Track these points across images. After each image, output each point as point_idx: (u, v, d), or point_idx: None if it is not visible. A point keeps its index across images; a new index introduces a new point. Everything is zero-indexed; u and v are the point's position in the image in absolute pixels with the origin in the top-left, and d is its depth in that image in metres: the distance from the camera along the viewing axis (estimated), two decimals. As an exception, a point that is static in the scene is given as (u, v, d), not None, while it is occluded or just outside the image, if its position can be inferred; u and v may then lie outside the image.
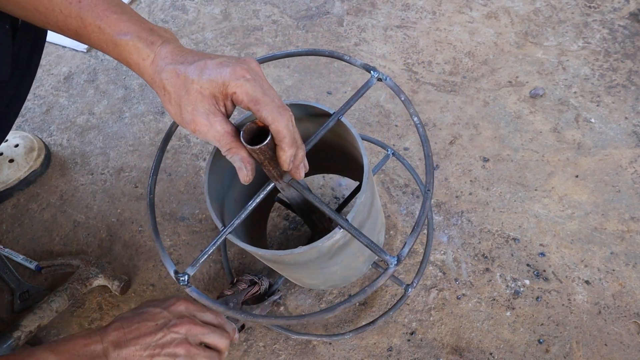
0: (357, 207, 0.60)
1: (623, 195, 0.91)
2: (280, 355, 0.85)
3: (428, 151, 0.61)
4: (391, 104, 1.08)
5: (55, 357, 0.58)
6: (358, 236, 0.55)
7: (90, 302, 0.95)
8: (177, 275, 0.58)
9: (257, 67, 0.56)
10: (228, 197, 0.73)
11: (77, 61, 1.30)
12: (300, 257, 0.62)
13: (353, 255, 0.69)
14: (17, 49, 0.76)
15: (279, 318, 0.59)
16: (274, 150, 0.53)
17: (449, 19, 1.18)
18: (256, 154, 0.53)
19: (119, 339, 0.61)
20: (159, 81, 0.56)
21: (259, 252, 0.61)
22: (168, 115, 1.16)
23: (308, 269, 0.69)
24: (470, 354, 0.81)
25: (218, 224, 0.63)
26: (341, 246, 0.64)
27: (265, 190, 0.62)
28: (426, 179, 0.59)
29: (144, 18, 0.60)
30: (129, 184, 1.08)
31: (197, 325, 0.64)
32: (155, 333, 0.62)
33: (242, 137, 0.51)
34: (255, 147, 0.51)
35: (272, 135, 0.52)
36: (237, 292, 0.82)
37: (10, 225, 1.06)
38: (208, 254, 0.58)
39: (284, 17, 1.27)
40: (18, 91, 0.86)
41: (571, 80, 1.05)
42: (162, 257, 0.60)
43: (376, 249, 0.55)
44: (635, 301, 0.82)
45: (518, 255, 0.88)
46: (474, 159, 0.99)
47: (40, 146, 1.12)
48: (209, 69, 0.54)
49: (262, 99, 0.53)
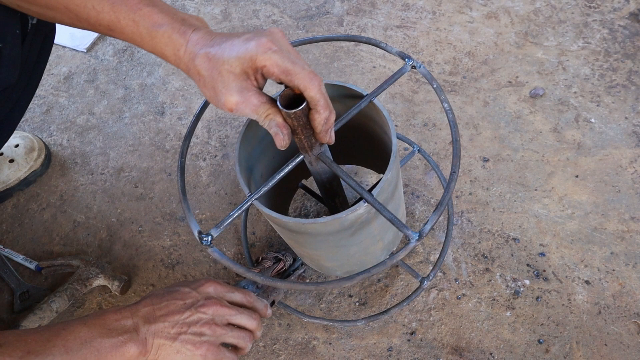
0: (383, 183, 0.61)
1: (623, 195, 0.91)
2: (280, 355, 0.85)
3: (457, 136, 0.63)
4: (391, 104, 1.08)
5: (87, 329, 0.59)
6: (382, 210, 0.56)
7: (90, 302, 0.95)
8: (200, 236, 0.59)
9: (282, 36, 0.57)
10: (255, 171, 0.75)
11: (77, 61, 1.30)
12: (322, 227, 0.63)
13: (373, 237, 0.70)
14: (25, 54, 0.77)
15: (298, 284, 0.60)
16: (307, 117, 0.55)
17: (449, 19, 1.18)
18: (290, 119, 0.54)
19: (148, 315, 0.63)
20: (194, 67, 0.58)
21: (284, 220, 0.62)
22: (168, 115, 1.16)
23: (327, 246, 0.69)
24: (470, 354, 0.81)
25: (245, 190, 0.64)
26: (363, 222, 0.64)
27: (294, 161, 0.63)
28: (453, 162, 0.60)
29: (175, 8, 0.61)
30: (129, 184, 1.08)
31: (223, 307, 0.66)
32: (183, 312, 0.64)
33: (279, 102, 0.53)
34: (291, 111, 0.53)
35: (307, 101, 0.53)
36: (264, 269, 0.83)
37: (10, 225, 1.06)
38: (233, 217, 0.59)
39: (284, 17, 1.27)
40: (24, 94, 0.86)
41: (571, 80, 1.05)
42: (187, 218, 0.62)
43: (398, 224, 0.56)
44: (635, 301, 0.82)
45: (518, 255, 0.88)
46: (474, 159, 0.99)
47: (40, 146, 1.12)
48: (235, 47, 0.55)
49: (292, 68, 0.54)
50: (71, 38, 1.32)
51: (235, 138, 1.10)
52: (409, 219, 0.94)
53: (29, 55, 0.79)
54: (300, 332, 0.87)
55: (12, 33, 0.70)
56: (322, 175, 0.69)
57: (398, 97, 1.09)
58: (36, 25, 0.77)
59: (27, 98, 0.88)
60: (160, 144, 1.12)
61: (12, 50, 0.71)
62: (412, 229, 0.55)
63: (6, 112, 0.83)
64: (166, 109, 1.18)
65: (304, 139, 0.58)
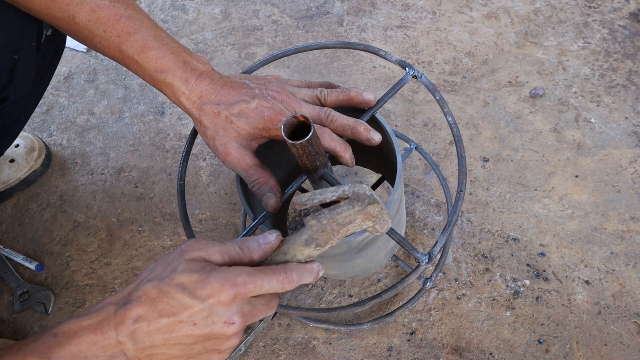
0: (389, 204, 0.61)
1: (623, 195, 0.91)
2: (280, 355, 0.85)
3: (462, 152, 0.61)
4: (391, 104, 1.08)
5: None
6: (390, 233, 0.56)
7: (90, 302, 0.95)
8: None
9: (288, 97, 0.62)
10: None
11: (77, 61, 1.30)
12: (330, 250, 0.63)
13: (378, 249, 0.71)
14: (38, 64, 0.78)
15: (311, 310, 0.60)
16: (313, 145, 0.55)
17: (449, 19, 1.18)
18: (295, 149, 0.54)
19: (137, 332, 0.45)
20: (197, 116, 0.62)
21: None
22: (168, 115, 1.16)
23: (334, 262, 0.70)
24: (470, 354, 0.81)
25: (250, 215, 0.65)
26: (370, 241, 0.65)
27: (297, 182, 0.64)
28: (459, 180, 0.60)
29: (181, 46, 0.63)
30: (129, 184, 1.08)
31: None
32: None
33: (283, 131, 0.52)
34: (297, 142, 0.51)
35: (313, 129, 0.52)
36: None
37: (10, 225, 1.06)
38: None
39: (284, 17, 1.27)
40: (31, 102, 0.87)
41: (571, 80, 1.05)
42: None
43: (408, 247, 0.56)
44: (635, 301, 0.82)
45: (518, 255, 0.88)
46: (474, 159, 0.99)
47: (40, 146, 1.12)
48: (249, 115, 0.60)
49: None
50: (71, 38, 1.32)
51: (235, 138, 1.10)
52: (409, 219, 0.95)
53: (41, 65, 0.80)
54: (300, 332, 0.87)
55: (28, 45, 0.71)
56: None
57: (398, 97, 1.09)
58: (50, 36, 0.77)
59: (33, 105, 0.89)
60: (160, 144, 1.12)
61: (27, 62, 0.72)
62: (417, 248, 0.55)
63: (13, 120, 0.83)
64: (166, 109, 1.17)
65: (308, 164, 0.58)
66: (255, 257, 0.49)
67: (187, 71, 0.61)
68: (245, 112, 0.60)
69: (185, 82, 0.61)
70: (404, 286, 0.57)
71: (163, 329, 0.44)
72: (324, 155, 0.59)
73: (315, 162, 0.57)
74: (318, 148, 0.55)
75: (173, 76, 0.61)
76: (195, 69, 0.62)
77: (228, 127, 0.60)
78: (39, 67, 0.79)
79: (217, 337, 0.46)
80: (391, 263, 0.91)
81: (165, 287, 0.44)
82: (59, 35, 0.80)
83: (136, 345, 0.44)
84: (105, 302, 0.46)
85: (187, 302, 0.44)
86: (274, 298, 0.50)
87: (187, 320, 0.44)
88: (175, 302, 0.44)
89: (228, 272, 0.45)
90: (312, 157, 0.56)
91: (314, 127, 0.51)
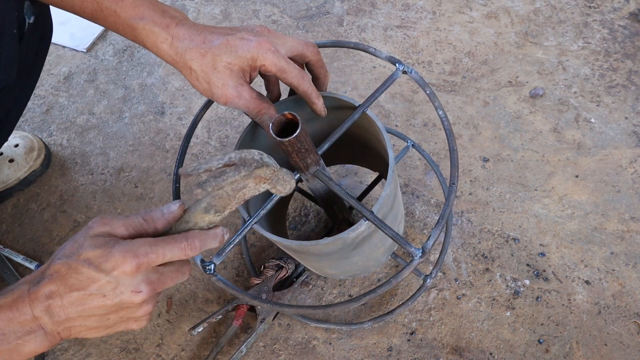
0: (382, 199, 0.61)
1: (623, 195, 0.91)
2: (280, 355, 0.85)
3: (453, 145, 0.62)
4: (391, 104, 1.08)
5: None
6: (383, 228, 0.56)
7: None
8: (203, 264, 0.59)
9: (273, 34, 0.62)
10: None
11: (77, 61, 1.30)
12: (325, 247, 0.63)
13: (374, 246, 0.70)
14: (22, 53, 0.77)
15: (307, 307, 0.61)
16: (302, 143, 0.55)
17: (449, 19, 1.18)
18: (284, 146, 0.54)
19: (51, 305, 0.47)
20: (183, 62, 0.60)
21: (285, 243, 0.62)
22: (168, 115, 1.16)
23: (330, 259, 0.70)
24: (470, 354, 0.81)
25: (244, 214, 0.64)
26: (365, 237, 0.64)
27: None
28: (451, 173, 0.60)
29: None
30: (129, 184, 1.08)
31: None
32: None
33: (271, 129, 0.52)
34: (285, 139, 0.52)
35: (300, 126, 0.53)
36: (266, 279, 0.83)
37: (10, 225, 1.06)
38: (234, 244, 0.59)
39: (284, 17, 1.27)
40: (21, 94, 0.87)
41: (571, 80, 1.05)
42: None
43: (401, 241, 0.56)
44: (635, 301, 0.82)
45: (518, 255, 0.88)
46: (473, 158, 0.99)
47: (40, 146, 1.12)
48: (235, 46, 0.59)
49: (287, 67, 0.60)
50: (71, 38, 1.32)
51: (235, 138, 1.10)
52: (408, 218, 0.95)
53: (26, 54, 0.80)
54: (300, 332, 0.87)
55: (9, 32, 0.71)
56: (319, 190, 0.69)
57: (398, 97, 1.09)
58: (33, 24, 0.77)
59: (25, 98, 0.88)
60: (160, 144, 1.12)
61: (9, 50, 0.72)
62: (414, 245, 0.55)
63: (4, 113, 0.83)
64: (166, 109, 1.18)
65: (299, 161, 0.58)
66: (159, 227, 0.51)
67: (166, 17, 0.60)
68: (231, 44, 0.58)
69: (166, 27, 0.59)
70: (398, 281, 0.57)
71: (76, 303, 0.46)
72: (315, 152, 0.59)
73: (306, 159, 0.57)
74: (307, 145, 0.55)
75: (153, 22, 0.59)
76: (174, 17, 0.61)
77: (219, 66, 0.58)
78: (25, 57, 0.79)
79: (128, 306, 0.48)
80: (393, 263, 0.91)
81: (73, 263, 0.46)
82: (43, 23, 0.80)
83: (52, 319, 0.46)
84: (20, 281, 0.49)
85: (94, 276, 0.46)
86: (184, 264, 0.52)
87: (96, 292, 0.46)
88: (83, 277, 0.46)
89: (130, 244, 0.47)
90: (301, 155, 0.56)
91: (302, 124, 0.52)
